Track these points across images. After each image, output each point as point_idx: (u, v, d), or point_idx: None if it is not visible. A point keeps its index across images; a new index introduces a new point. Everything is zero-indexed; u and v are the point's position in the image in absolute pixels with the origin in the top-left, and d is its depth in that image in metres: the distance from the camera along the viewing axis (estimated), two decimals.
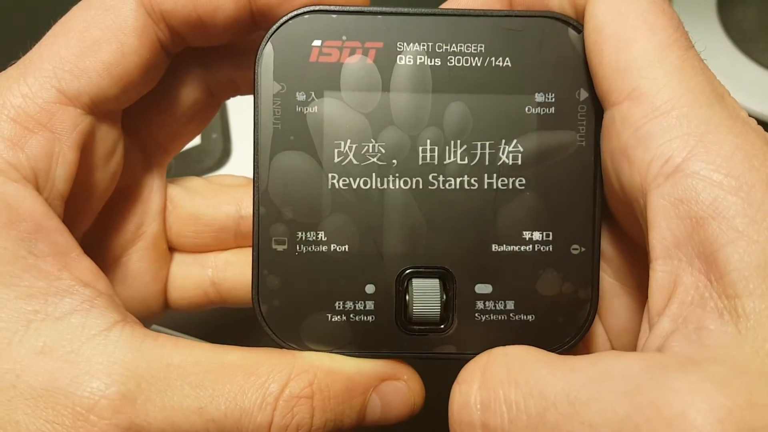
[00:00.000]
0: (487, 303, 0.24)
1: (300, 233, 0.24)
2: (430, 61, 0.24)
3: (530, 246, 0.24)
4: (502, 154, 0.24)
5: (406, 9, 0.24)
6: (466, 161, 0.24)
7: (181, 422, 0.21)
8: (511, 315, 0.24)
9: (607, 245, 0.25)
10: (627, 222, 0.24)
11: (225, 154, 0.46)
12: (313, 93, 0.24)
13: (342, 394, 0.23)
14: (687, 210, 0.19)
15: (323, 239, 0.24)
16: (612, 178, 0.22)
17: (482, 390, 0.21)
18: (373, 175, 0.24)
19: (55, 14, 0.24)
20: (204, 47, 0.26)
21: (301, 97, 0.24)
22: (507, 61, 0.24)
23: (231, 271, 0.29)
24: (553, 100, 0.24)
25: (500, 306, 0.24)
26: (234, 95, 0.29)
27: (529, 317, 0.24)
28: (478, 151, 0.24)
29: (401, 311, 0.24)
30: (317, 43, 0.24)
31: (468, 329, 0.24)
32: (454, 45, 0.24)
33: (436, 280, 0.24)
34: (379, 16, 0.24)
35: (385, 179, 0.24)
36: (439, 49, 0.24)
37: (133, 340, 0.21)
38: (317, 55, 0.24)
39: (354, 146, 0.24)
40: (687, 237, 0.19)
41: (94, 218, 0.26)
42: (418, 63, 0.24)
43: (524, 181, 0.24)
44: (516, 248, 0.24)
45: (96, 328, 0.21)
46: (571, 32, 0.24)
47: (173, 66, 0.26)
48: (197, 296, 0.30)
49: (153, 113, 0.27)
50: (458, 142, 0.24)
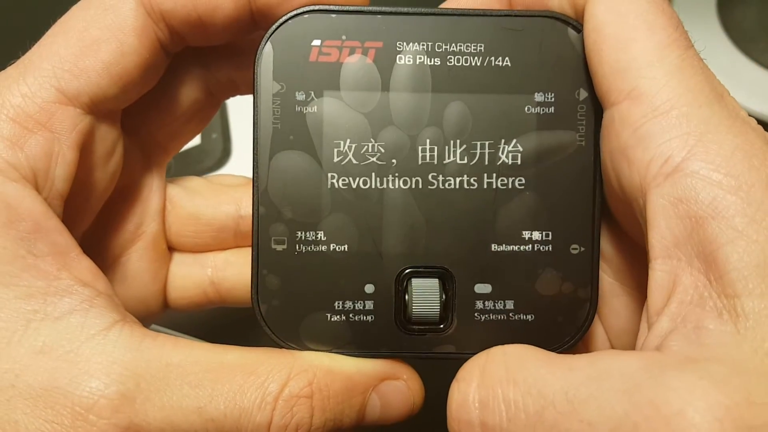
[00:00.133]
0: (486, 303, 0.24)
1: (299, 233, 0.24)
2: (430, 61, 0.24)
3: (530, 246, 0.24)
4: (502, 153, 0.24)
5: (405, 9, 0.24)
6: (465, 161, 0.24)
7: (181, 422, 0.21)
8: (510, 315, 0.24)
9: (607, 245, 0.25)
10: (627, 222, 0.24)
11: (225, 154, 0.46)
12: (312, 93, 0.24)
13: (341, 394, 0.23)
14: (686, 209, 0.19)
15: (323, 239, 0.24)
16: (611, 177, 0.22)
17: (481, 388, 0.21)
18: (373, 174, 0.24)
19: (54, 14, 0.24)
20: (203, 47, 0.26)
21: (300, 96, 0.24)
22: (506, 61, 0.24)
23: (230, 271, 0.29)
24: (553, 99, 0.24)
25: (500, 306, 0.24)
26: (233, 95, 0.28)
27: (529, 317, 0.24)
28: (478, 151, 0.24)
29: (401, 311, 0.24)
30: (317, 42, 0.24)
31: (467, 329, 0.24)
32: (453, 45, 0.24)
33: (436, 280, 0.24)
34: (379, 15, 0.24)
35: (385, 179, 0.24)
36: (438, 48, 0.24)
37: (133, 340, 0.21)
38: (317, 55, 0.24)
39: (353, 146, 0.24)
40: (686, 236, 0.19)
41: (94, 218, 0.26)
42: (417, 63, 0.24)
43: (524, 181, 0.24)
44: (515, 248, 0.24)
45: (95, 328, 0.21)
46: (571, 32, 0.24)
47: (173, 66, 0.26)
48: (197, 296, 0.30)
49: (152, 113, 0.27)
50: (458, 141, 0.24)
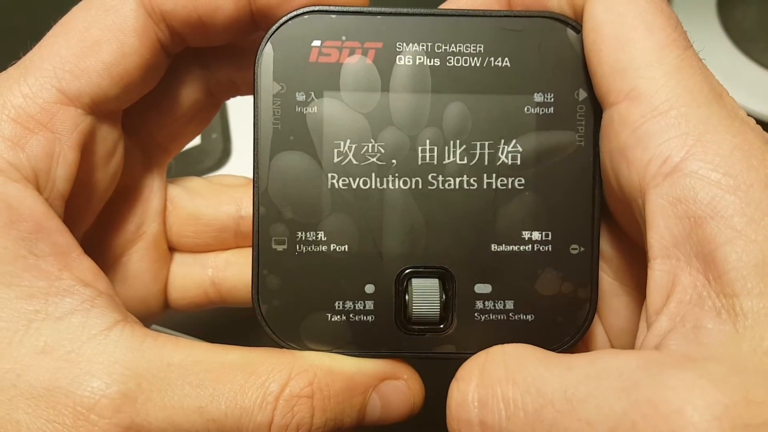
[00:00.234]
0: (486, 303, 0.24)
1: (300, 233, 0.24)
2: (430, 62, 0.24)
3: (529, 246, 0.24)
4: (502, 154, 0.24)
5: (405, 9, 0.24)
6: (465, 161, 0.24)
7: (182, 421, 0.21)
8: (510, 315, 0.24)
9: (607, 245, 0.25)
10: (626, 222, 0.24)
11: (225, 154, 0.46)
12: (312, 93, 0.24)
13: (342, 394, 0.23)
14: (685, 209, 0.19)
15: (323, 239, 0.24)
16: (611, 177, 0.22)
17: (480, 387, 0.21)
18: (373, 175, 0.24)
19: (55, 14, 0.24)
20: (204, 47, 0.26)
21: (300, 97, 0.24)
22: (506, 62, 0.24)
23: (231, 271, 0.29)
24: (552, 100, 0.24)
25: (500, 306, 0.24)
26: (234, 95, 0.29)
27: (529, 317, 0.24)
28: (478, 151, 0.24)
29: (401, 311, 0.24)
30: (317, 43, 0.24)
31: (467, 329, 0.24)
32: (453, 45, 0.24)
33: (436, 280, 0.24)
34: (379, 16, 0.24)
35: (385, 179, 0.24)
36: (438, 49, 0.24)
37: (134, 340, 0.22)
38: (317, 56, 0.24)
39: (353, 146, 0.24)
40: (685, 236, 0.19)
41: (95, 218, 0.26)
42: (417, 63, 0.24)
43: (523, 181, 0.24)
44: (515, 248, 0.24)
45: (96, 328, 0.21)
46: (570, 32, 0.24)
47: (173, 66, 0.26)
48: (197, 296, 0.30)
49: (153, 113, 0.27)
50: (457, 142, 0.24)
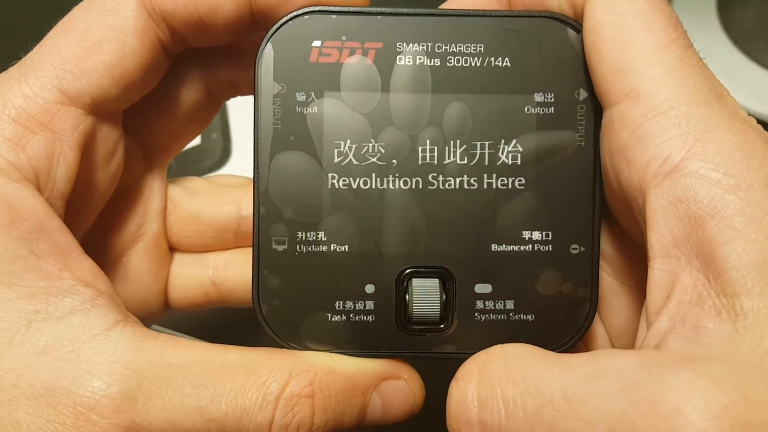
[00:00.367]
0: (486, 303, 0.24)
1: (300, 233, 0.24)
2: (430, 62, 0.24)
3: (530, 246, 0.24)
4: (502, 154, 0.24)
5: (405, 9, 0.24)
6: (465, 161, 0.24)
7: (182, 421, 0.21)
8: (510, 315, 0.24)
9: (608, 245, 0.25)
10: (627, 221, 0.24)
11: (225, 154, 0.46)
12: (313, 93, 0.24)
13: (342, 394, 0.23)
14: (685, 209, 0.19)
15: (323, 239, 0.24)
16: (611, 177, 0.22)
17: (480, 387, 0.21)
18: (373, 175, 0.24)
19: (56, 15, 0.24)
20: (204, 48, 0.26)
21: (301, 97, 0.24)
22: (506, 61, 0.24)
23: (231, 271, 0.29)
24: (553, 100, 0.24)
25: (500, 306, 0.24)
26: (234, 96, 0.29)
27: (529, 317, 0.24)
28: (478, 151, 0.24)
29: (401, 311, 0.24)
30: (317, 43, 0.24)
31: (468, 329, 0.24)
32: (453, 45, 0.24)
33: (436, 280, 0.24)
34: (379, 16, 0.24)
35: (385, 179, 0.24)
36: (438, 49, 0.24)
37: (134, 340, 0.22)
38: (317, 56, 0.24)
39: (354, 146, 0.24)
40: (685, 236, 0.19)
41: (95, 218, 0.26)
42: (417, 63, 0.24)
43: (524, 181, 0.24)
44: (515, 248, 0.24)
45: (97, 328, 0.21)
46: (570, 32, 0.24)
47: (174, 66, 0.26)
48: (198, 296, 0.30)
49: (154, 113, 0.27)
50: (458, 142, 0.24)
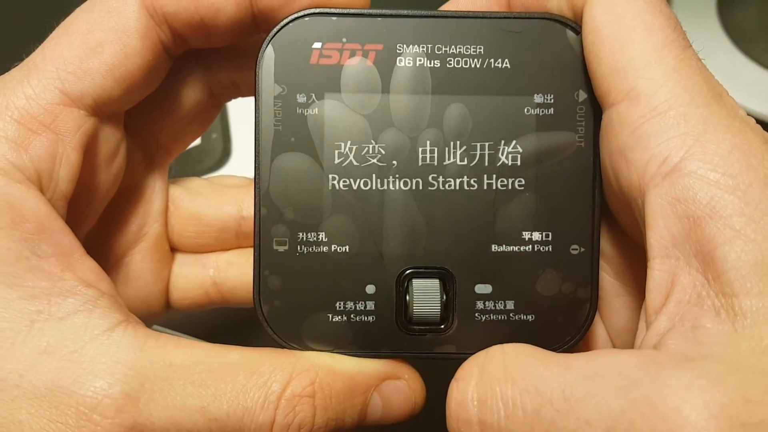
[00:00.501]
0: (487, 303, 0.24)
1: (301, 234, 0.24)
2: (430, 63, 0.24)
3: (530, 246, 0.24)
4: (502, 155, 0.24)
5: (405, 11, 0.24)
6: (465, 162, 0.24)
7: (184, 421, 0.21)
8: (511, 315, 0.24)
9: (608, 245, 0.25)
10: (627, 222, 0.24)
11: (225, 155, 0.46)
12: (313, 95, 0.24)
13: (343, 394, 0.23)
14: (684, 209, 0.19)
15: (324, 240, 0.24)
16: (611, 178, 0.22)
17: (479, 387, 0.21)
18: (374, 176, 0.24)
19: (58, 16, 0.24)
20: (205, 49, 0.26)
21: (301, 98, 0.24)
22: (506, 63, 0.24)
23: (232, 272, 0.29)
24: (552, 101, 0.24)
25: (500, 306, 0.24)
26: (235, 97, 0.29)
27: (529, 317, 0.24)
28: (478, 152, 0.24)
29: (401, 311, 0.24)
30: (317, 45, 0.24)
31: (468, 329, 0.24)
32: (453, 47, 0.24)
33: (436, 281, 0.24)
34: (379, 18, 0.24)
35: (385, 180, 0.24)
36: (438, 50, 0.24)
37: (136, 340, 0.22)
38: (317, 57, 0.24)
39: (354, 147, 0.24)
40: (684, 236, 0.19)
41: (97, 219, 0.26)
42: (417, 65, 0.24)
43: (523, 182, 0.24)
44: (516, 248, 0.24)
45: (99, 328, 0.21)
46: (570, 33, 0.24)
47: (175, 68, 0.26)
48: (199, 296, 0.30)
49: (155, 114, 0.27)
50: (458, 143, 0.24)
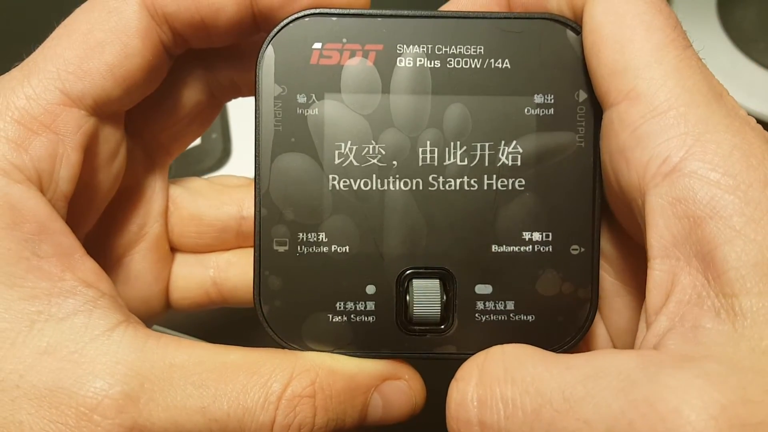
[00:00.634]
0: (487, 303, 0.24)
1: (301, 234, 0.24)
2: (430, 63, 0.24)
3: (530, 246, 0.24)
4: (502, 155, 0.24)
5: (405, 11, 0.24)
6: (465, 162, 0.24)
7: (185, 422, 0.21)
8: (511, 315, 0.24)
9: (608, 245, 0.25)
10: (627, 222, 0.24)
11: (225, 155, 0.46)
12: (313, 95, 0.24)
13: (344, 394, 0.23)
14: (684, 209, 0.19)
15: (324, 240, 0.24)
16: (611, 178, 0.22)
17: (479, 387, 0.21)
18: (374, 176, 0.24)
19: (58, 16, 0.24)
20: (206, 49, 0.26)
21: (301, 99, 0.24)
22: (506, 63, 0.24)
23: (233, 272, 0.29)
24: (552, 101, 0.24)
25: (500, 306, 0.24)
26: (235, 97, 0.29)
27: (529, 317, 0.24)
28: (478, 152, 0.24)
29: (402, 312, 0.24)
30: (318, 45, 0.24)
31: (468, 329, 0.24)
32: (453, 47, 0.24)
33: (437, 281, 0.24)
34: (379, 18, 0.24)
35: (386, 180, 0.24)
36: (438, 51, 0.24)
37: (136, 341, 0.22)
38: (318, 58, 0.24)
39: (354, 148, 0.24)
40: (685, 236, 0.19)
41: (97, 219, 0.26)
42: (417, 65, 0.24)
43: (524, 182, 0.24)
44: (516, 249, 0.24)
45: (99, 329, 0.21)
46: (570, 33, 0.24)
47: (175, 68, 0.26)
48: (199, 296, 0.30)
49: (155, 115, 0.27)
50: (458, 143, 0.24)
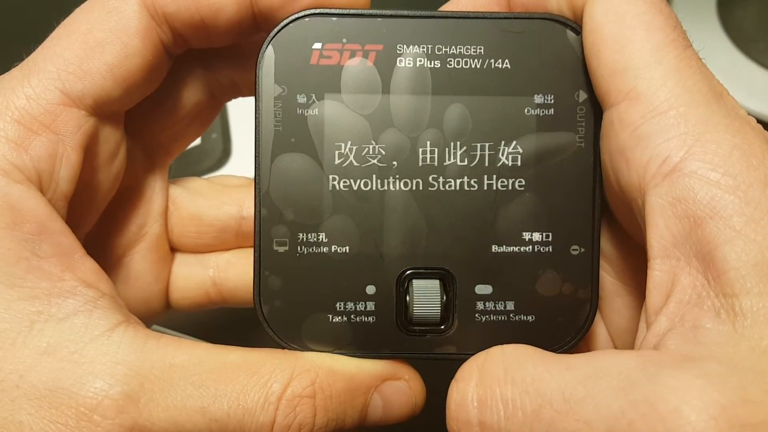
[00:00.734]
0: (487, 304, 0.24)
1: (301, 234, 0.24)
2: (430, 63, 0.24)
3: (530, 247, 0.24)
4: (502, 155, 0.24)
5: (405, 11, 0.24)
6: (465, 162, 0.24)
7: (185, 422, 0.21)
8: (511, 315, 0.24)
9: (609, 245, 0.25)
10: (627, 222, 0.24)
11: (225, 155, 0.46)
12: (313, 95, 0.24)
13: (344, 394, 0.23)
14: (685, 209, 0.19)
15: (324, 240, 0.24)
16: (611, 178, 0.22)
17: (479, 387, 0.21)
18: (374, 176, 0.24)
19: (58, 16, 0.24)
20: (206, 49, 0.26)
21: (301, 99, 0.24)
22: (506, 63, 0.24)
23: (233, 272, 0.29)
24: (552, 101, 0.24)
25: (500, 306, 0.24)
26: (235, 97, 0.29)
27: (529, 318, 0.24)
28: (478, 153, 0.24)
29: (402, 312, 0.24)
30: (318, 45, 0.24)
31: (468, 330, 0.24)
32: (453, 47, 0.24)
33: (437, 281, 0.24)
34: (379, 18, 0.24)
35: (386, 181, 0.24)
36: (438, 51, 0.24)
37: (136, 341, 0.22)
38: (318, 58, 0.24)
39: (354, 148, 0.24)
40: (685, 236, 0.19)
41: (97, 219, 0.26)
42: (417, 65, 0.24)
43: (524, 182, 0.24)
44: (516, 249, 0.24)
45: (99, 329, 0.21)
46: (570, 34, 0.24)
47: (175, 68, 0.26)
48: (199, 296, 0.30)
49: (155, 114, 0.27)
50: (458, 143, 0.24)
